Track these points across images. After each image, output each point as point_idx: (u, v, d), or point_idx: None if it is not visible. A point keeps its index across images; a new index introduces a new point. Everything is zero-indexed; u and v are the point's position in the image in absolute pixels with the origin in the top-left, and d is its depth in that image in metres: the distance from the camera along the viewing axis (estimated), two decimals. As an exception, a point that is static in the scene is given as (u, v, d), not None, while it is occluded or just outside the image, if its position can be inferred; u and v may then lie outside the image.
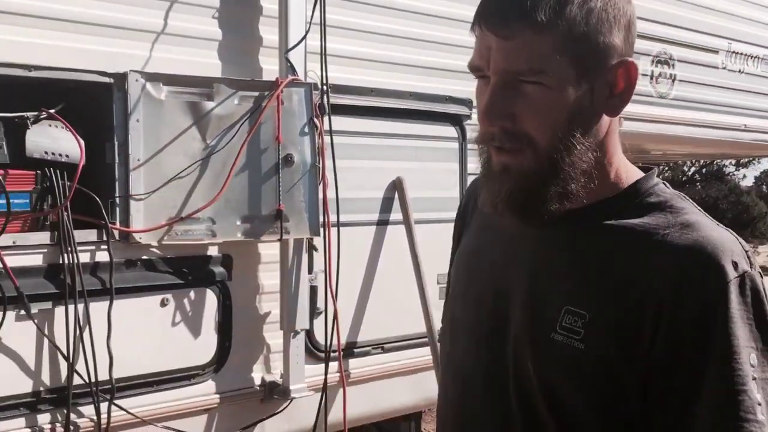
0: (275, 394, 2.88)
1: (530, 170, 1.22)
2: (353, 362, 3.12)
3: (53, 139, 2.45)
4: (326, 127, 2.89)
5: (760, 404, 1.13)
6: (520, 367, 1.27)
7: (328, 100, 2.90)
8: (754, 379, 1.13)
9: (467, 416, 1.36)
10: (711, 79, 4.57)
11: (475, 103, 1.35)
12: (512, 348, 1.28)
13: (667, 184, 1.32)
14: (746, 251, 1.20)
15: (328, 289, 2.92)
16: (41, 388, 2.44)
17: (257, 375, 2.89)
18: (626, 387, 1.19)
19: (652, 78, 4.22)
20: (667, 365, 1.16)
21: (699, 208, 1.28)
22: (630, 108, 3.78)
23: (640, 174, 1.31)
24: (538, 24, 1.16)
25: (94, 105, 2.56)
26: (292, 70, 2.82)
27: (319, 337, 2.99)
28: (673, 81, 4.34)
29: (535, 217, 1.27)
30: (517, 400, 1.28)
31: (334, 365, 2.98)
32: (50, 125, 2.46)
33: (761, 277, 1.20)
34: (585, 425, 1.23)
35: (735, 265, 1.16)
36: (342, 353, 3.02)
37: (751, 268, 1.18)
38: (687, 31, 4.41)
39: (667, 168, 23.05)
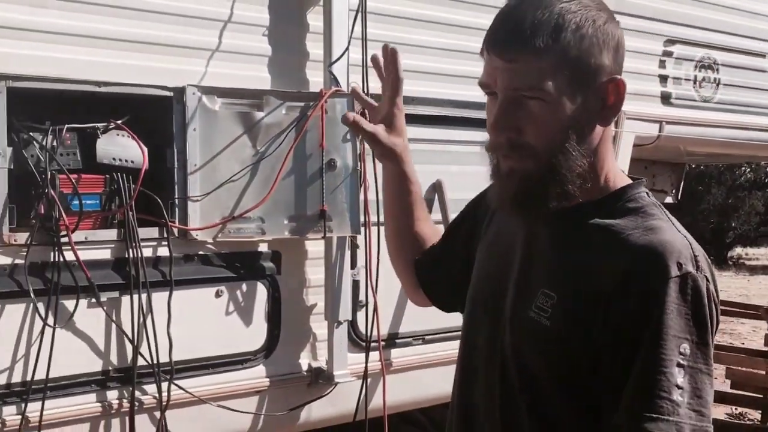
0: (320, 379, 3.10)
1: (532, 174, 1.42)
2: (395, 352, 3.33)
3: (120, 147, 2.70)
4: (367, 133, 3.12)
5: (680, 387, 1.29)
6: (503, 339, 1.49)
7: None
8: (680, 365, 1.30)
9: (469, 381, 1.59)
10: (757, 82, 4.64)
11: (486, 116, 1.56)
12: (503, 323, 1.50)
13: (650, 194, 1.52)
14: (695, 256, 1.37)
15: (369, 283, 3.15)
16: (109, 368, 2.70)
17: (304, 361, 3.12)
18: (581, 362, 1.39)
19: (695, 82, 4.32)
20: (611, 346, 1.35)
21: (671, 216, 1.47)
22: (673, 112, 3.90)
23: (627, 181, 1.52)
24: (537, 49, 1.37)
25: (156, 116, 2.80)
26: (336, 81, 3.04)
27: (363, 327, 3.22)
28: (718, 85, 4.43)
29: (536, 215, 1.47)
30: (500, 367, 1.50)
31: (376, 354, 3.21)
32: (117, 134, 2.70)
33: (709, 281, 1.37)
34: (543, 388, 1.44)
35: (680, 265, 1.34)
36: (384, 343, 3.24)
37: (696, 271, 1.35)
38: (732, 36, 4.49)
39: (749, 169, 22.55)
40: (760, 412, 6.51)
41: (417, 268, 1.88)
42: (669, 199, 6.14)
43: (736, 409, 6.87)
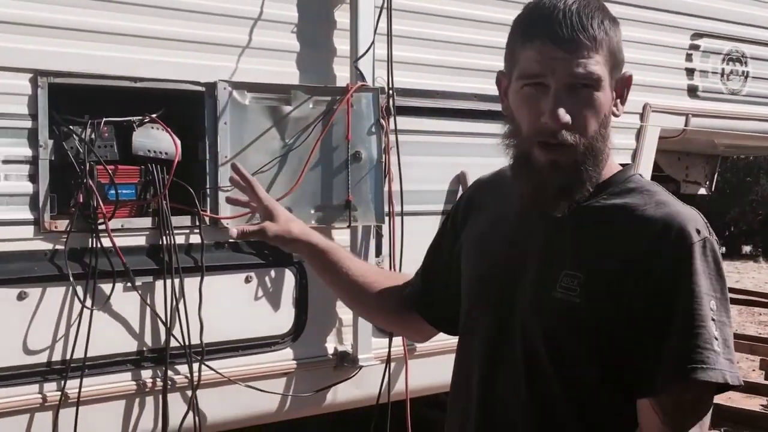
0: (346, 362, 3.22)
1: (577, 161, 1.49)
2: (419, 337, 3.44)
3: (155, 140, 2.83)
4: (392, 126, 3.24)
5: (716, 339, 1.42)
6: (526, 325, 1.55)
7: (393, 103, 3.24)
8: (713, 319, 1.43)
9: (488, 377, 1.62)
10: (788, 75, 4.65)
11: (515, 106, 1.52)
12: (520, 308, 1.56)
13: (642, 175, 1.62)
14: (706, 223, 1.50)
15: (393, 270, 3.25)
16: (144, 349, 2.85)
17: (330, 345, 3.24)
18: (614, 333, 1.47)
19: (722, 75, 4.36)
20: (645, 308, 1.45)
21: (668, 192, 1.58)
22: (699, 105, 3.94)
23: (618, 166, 1.61)
24: (596, 40, 1.46)
25: (188, 110, 2.93)
26: (361, 76, 3.15)
27: (387, 313, 3.33)
28: (746, 78, 4.46)
29: (568, 204, 1.52)
30: (525, 355, 1.56)
31: (400, 339, 3.31)
32: (152, 128, 2.84)
33: (718, 243, 1.50)
34: (577, 366, 1.51)
35: (698, 231, 1.46)
36: (407, 329, 3.35)
37: (710, 235, 1.48)
38: (761, 29, 4.51)
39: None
40: (794, 404, 6.49)
41: (413, 303, 1.87)
42: (702, 191, 6.15)
43: (771, 400, 6.86)
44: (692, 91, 4.23)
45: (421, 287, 1.87)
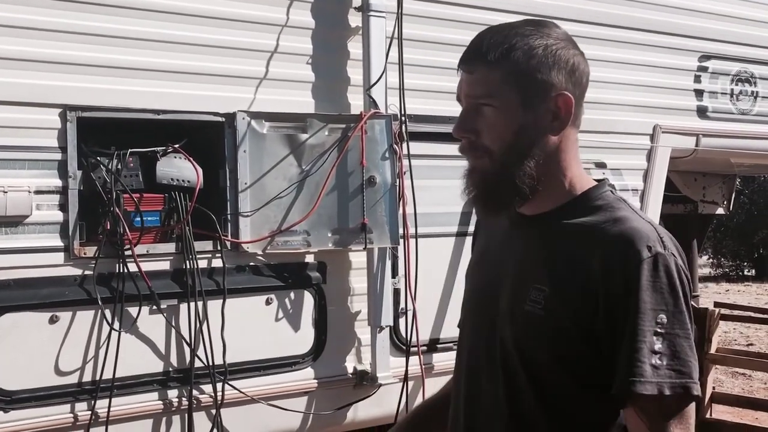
0: (365, 381, 3.31)
1: (487, 172, 1.61)
2: (436, 356, 3.51)
3: (177, 168, 2.98)
4: (405, 151, 3.35)
5: (658, 353, 1.50)
6: (503, 334, 1.65)
7: (406, 129, 3.35)
8: (658, 333, 1.50)
9: (473, 378, 1.74)
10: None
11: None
12: (500, 322, 1.67)
13: (614, 191, 1.70)
14: (661, 237, 1.56)
15: (408, 291, 3.36)
16: (169, 369, 2.97)
17: (349, 364, 3.34)
18: (573, 343, 1.56)
19: (732, 96, 4.44)
20: (599, 324, 1.54)
21: (633, 208, 1.67)
22: (710, 125, 4.00)
23: (592, 183, 1.70)
24: (490, 62, 1.57)
25: (209, 140, 3.07)
26: (374, 104, 3.28)
27: (404, 332, 3.43)
28: (756, 98, 4.53)
29: (493, 210, 1.65)
30: (502, 360, 1.68)
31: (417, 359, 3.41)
32: (175, 157, 2.98)
33: (676, 257, 1.56)
34: (547, 372, 1.61)
35: (649, 248, 1.53)
36: (426, 348, 3.45)
37: (664, 250, 1.55)
38: (768, 50, 4.60)
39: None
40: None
41: None
42: (720, 210, 6.20)
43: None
44: (702, 112, 4.31)
45: None
